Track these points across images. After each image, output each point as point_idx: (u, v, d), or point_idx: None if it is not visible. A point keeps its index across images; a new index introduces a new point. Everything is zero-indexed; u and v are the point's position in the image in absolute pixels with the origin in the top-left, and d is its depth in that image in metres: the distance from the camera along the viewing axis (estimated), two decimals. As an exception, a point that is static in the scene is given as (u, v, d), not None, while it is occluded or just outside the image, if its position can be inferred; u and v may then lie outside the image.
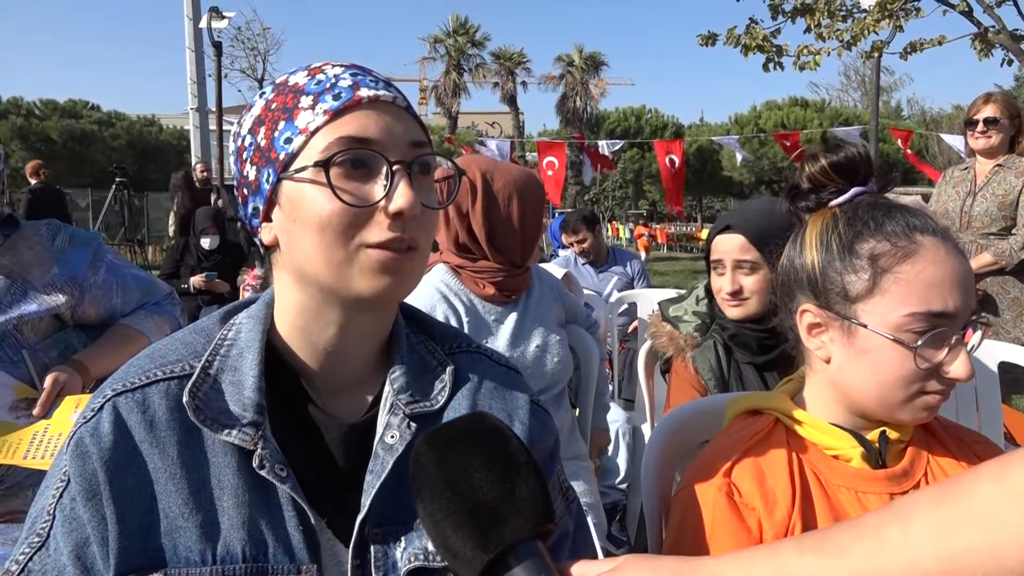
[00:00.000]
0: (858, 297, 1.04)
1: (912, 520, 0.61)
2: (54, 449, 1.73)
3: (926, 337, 0.99)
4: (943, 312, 0.99)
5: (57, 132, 29.44)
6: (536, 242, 2.18)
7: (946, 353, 1.00)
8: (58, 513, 0.80)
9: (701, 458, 1.15)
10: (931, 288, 0.99)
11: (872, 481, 1.06)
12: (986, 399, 2.31)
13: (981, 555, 0.56)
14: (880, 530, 0.62)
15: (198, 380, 0.85)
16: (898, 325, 1.00)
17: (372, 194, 0.82)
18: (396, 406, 0.90)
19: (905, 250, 1.01)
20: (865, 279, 1.03)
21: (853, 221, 1.07)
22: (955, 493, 0.60)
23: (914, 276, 1.00)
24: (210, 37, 12.24)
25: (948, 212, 3.95)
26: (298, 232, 0.83)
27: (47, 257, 1.85)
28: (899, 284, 1.01)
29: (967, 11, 8.50)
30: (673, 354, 2.04)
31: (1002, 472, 0.59)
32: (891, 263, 1.02)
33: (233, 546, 0.81)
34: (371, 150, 0.82)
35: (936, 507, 0.60)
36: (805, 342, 1.13)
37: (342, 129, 0.82)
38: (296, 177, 0.82)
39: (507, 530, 0.67)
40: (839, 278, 1.06)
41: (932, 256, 1.00)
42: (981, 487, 0.59)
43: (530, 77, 40.00)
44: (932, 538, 0.59)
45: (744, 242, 1.86)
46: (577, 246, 5.12)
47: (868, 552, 0.62)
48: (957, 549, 0.58)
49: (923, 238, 1.02)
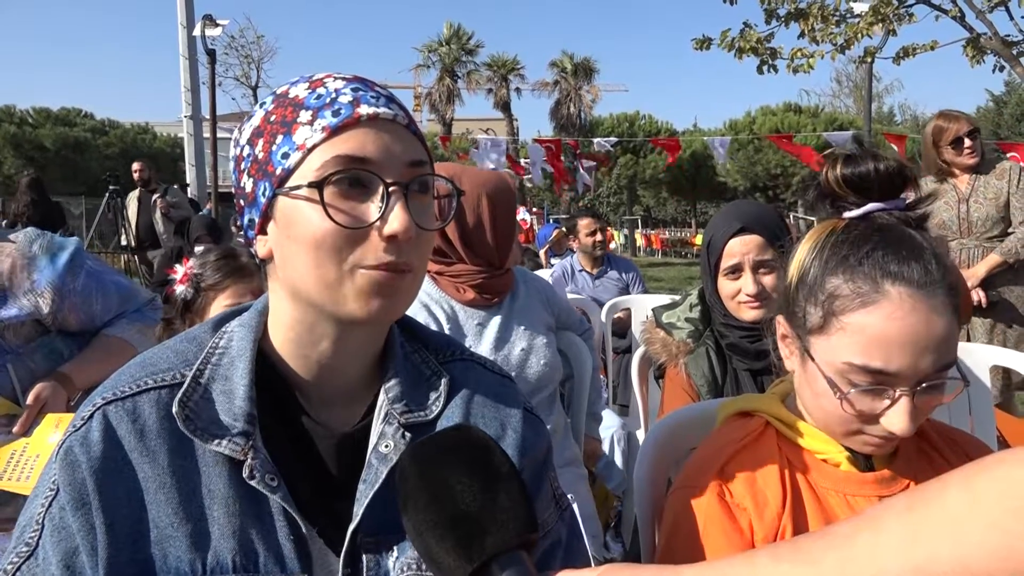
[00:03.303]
0: (811, 330, 1.04)
1: (882, 528, 0.61)
2: (30, 471, 1.72)
3: (859, 389, 0.98)
4: (882, 370, 0.95)
5: (50, 140, 29.43)
6: (511, 242, 2.18)
7: (885, 405, 0.98)
8: (47, 522, 0.80)
9: (693, 460, 1.15)
10: (876, 344, 0.95)
11: (861, 484, 1.07)
12: (978, 403, 2.31)
13: (949, 563, 0.56)
14: (851, 538, 0.62)
15: (188, 389, 0.84)
16: (838, 369, 0.99)
17: (367, 215, 0.81)
18: (391, 416, 0.90)
19: (864, 299, 0.97)
20: (819, 316, 1.02)
21: (838, 248, 1.04)
22: (924, 500, 0.60)
23: (861, 328, 0.97)
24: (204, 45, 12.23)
25: (945, 222, 4.01)
26: (292, 249, 0.83)
27: (25, 263, 1.84)
28: (844, 332, 0.99)
29: (959, 16, 8.55)
30: (666, 360, 2.04)
31: (970, 479, 0.58)
32: (844, 308, 0.99)
33: (223, 556, 0.80)
34: (367, 170, 0.81)
35: (905, 514, 0.60)
36: (780, 348, 1.15)
37: (339, 147, 0.81)
38: (292, 194, 0.81)
39: (489, 541, 0.68)
40: (803, 305, 1.06)
41: (890, 311, 0.95)
42: (949, 494, 0.58)
43: (524, 83, 40.08)
44: (901, 546, 0.59)
45: (763, 242, 1.84)
46: (599, 234, 5.12)
47: (840, 560, 0.61)
48: (925, 557, 0.57)
49: (893, 288, 0.96)
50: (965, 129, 3.90)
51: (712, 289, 1.95)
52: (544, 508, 0.99)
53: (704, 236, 2.02)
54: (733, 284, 1.88)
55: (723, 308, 1.93)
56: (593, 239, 5.14)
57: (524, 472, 0.95)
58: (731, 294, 1.89)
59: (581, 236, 5.18)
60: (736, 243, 1.87)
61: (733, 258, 1.87)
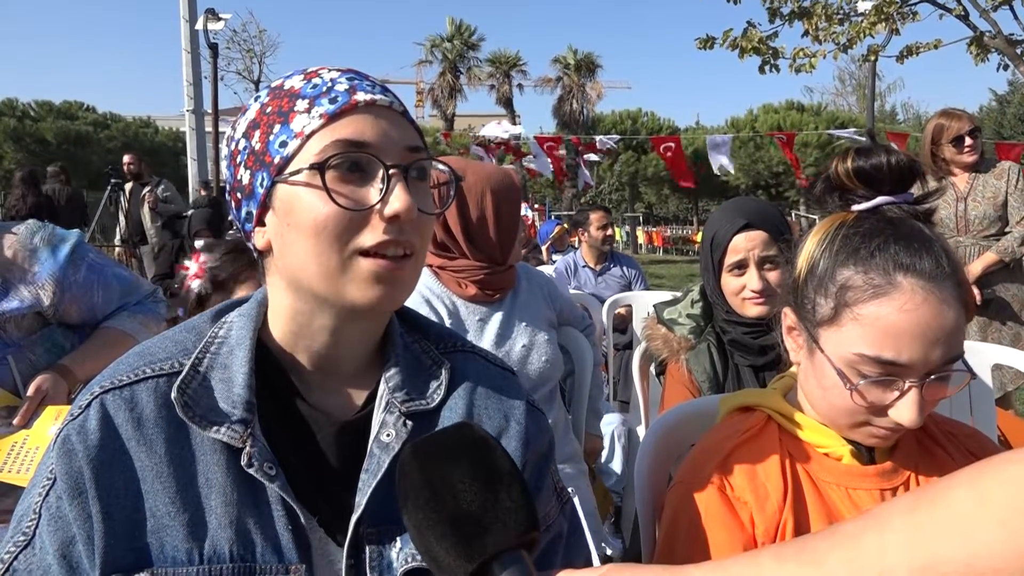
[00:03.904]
0: (821, 321, 1.04)
1: (887, 527, 0.60)
2: (30, 463, 1.72)
3: (870, 380, 0.98)
4: (894, 361, 0.96)
5: (52, 134, 29.39)
6: (514, 238, 2.17)
7: (894, 397, 0.98)
8: (44, 512, 0.80)
9: (693, 454, 1.15)
10: (888, 335, 0.96)
11: (862, 478, 1.06)
12: (979, 402, 2.31)
13: (954, 563, 0.55)
14: (856, 538, 0.62)
15: (187, 377, 0.84)
16: (848, 361, 0.99)
17: (368, 198, 0.81)
18: (392, 404, 0.90)
19: (877, 290, 0.97)
20: (830, 307, 1.02)
21: (848, 240, 1.04)
22: (930, 500, 0.60)
23: (874, 319, 0.97)
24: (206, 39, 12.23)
25: (943, 220, 4.03)
26: (292, 237, 0.82)
27: (26, 255, 1.84)
28: (857, 322, 0.98)
29: (963, 15, 8.52)
30: (667, 357, 2.03)
31: (976, 479, 0.58)
32: (856, 299, 0.99)
33: (220, 545, 0.80)
34: (367, 153, 0.81)
35: (911, 514, 0.60)
36: (786, 341, 1.14)
37: (338, 132, 0.81)
38: (291, 180, 0.81)
39: (490, 540, 0.68)
40: (812, 296, 1.06)
41: (902, 302, 0.95)
42: (955, 494, 0.58)
43: (526, 80, 40.07)
44: (906, 546, 0.58)
45: (768, 238, 1.83)
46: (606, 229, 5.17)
47: (844, 560, 0.61)
48: (931, 556, 0.57)
49: (904, 279, 0.96)
50: (967, 128, 3.92)
51: (715, 285, 1.94)
52: (546, 502, 0.98)
53: (705, 233, 2.00)
54: (738, 280, 1.88)
55: (725, 304, 1.92)
56: (604, 233, 5.18)
57: (527, 465, 0.95)
58: (735, 290, 1.88)
59: (592, 229, 5.20)
60: (741, 239, 1.86)
61: (738, 254, 1.86)
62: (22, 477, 1.70)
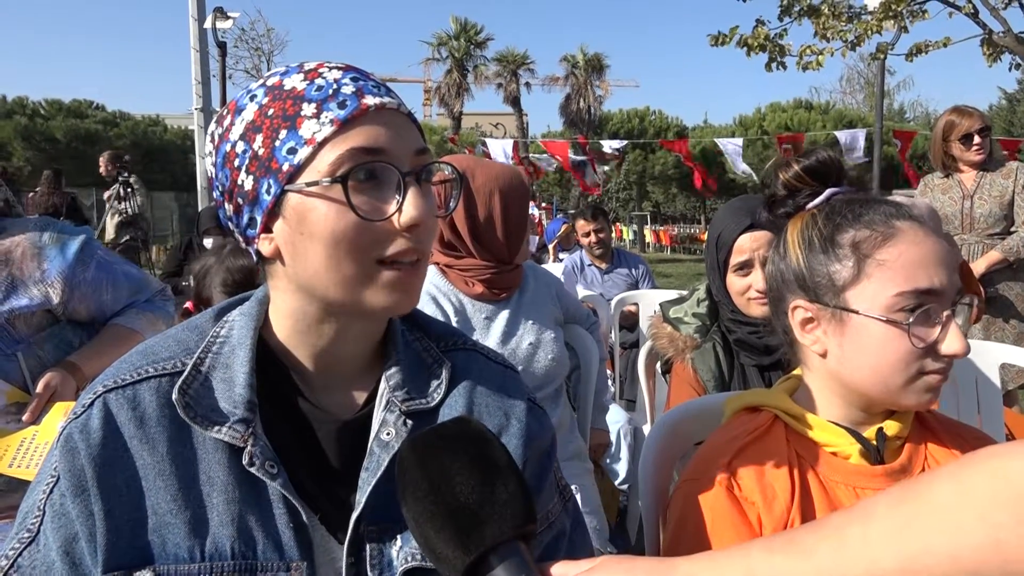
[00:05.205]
0: (845, 285, 1.05)
1: (872, 520, 0.61)
2: (39, 458, 1.73)
3: (916, 315, 1.00)
4: (930, 289, 1.00)
5: (62, 132, 29.47)
6: (522, 238, 2.16)
7: (939, 330, 1.01)
8: (48, 509, 0.80)
9: (700, 453, 1.15)
10: (915, 267, 1.01)
11: (870, 477, 1.06)
12: (987, 401, 2.30)
13: (938, 555, 0.56)
14: (843, 530, 0.63)
15: (189, 377, 0.84)
16: (888, 306, 1.01)
17: (384, 206, 0.81)
18: (392, 403, 0.90)
19: (884, 234, 1.03)
20: (850, 266, 1.05)
21: (832, 216, 1.10)
22: (915, 493, 0.60)
23: (896, 257, 1.02)
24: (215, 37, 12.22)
25: (948, 217, 4.04)
26: (306, 246, 0.81)
27: (36, 253, 1.85)
28: (883, 267, 1.02)
29: (973, 13, 8.46)
30: (673, 356, 2.03)
31: (959, 472, 0.59)
32: (872, 248, 1.03)
33: (222, 543, 0.80)
34: (383, 161, 0.81)
35: (896, 507, 0.61)
36: (800, 339, 1.13)
37: (352, 140, 0.80)
38: (306, 191, 0.80)
39: (487, 532, 0.68)
40: (824, 269, 1.08)
41: (911, 237, 1.02)
42: (939, 487, 0.59)
43: (533, 78, 40.01)
44: (891, 538, 0.59)
45: (773, 238, 1.83)
46: (594, 235, 5.12)
47: (832, 552, 0.62)
48: (915, 549, 0.58)
49: (900, 223, 1.04)
50: (977, 126, 3.92)
51: (720, 285, 1.93)
52: (548, 499, 0.98)
53: (710, 232, 1.99)
54: (743, 280, 1.87)
55: (731, 304, 1.92)
56: (589, 240, 5.14)
57: (529, 463, 0.95)
58: (741, 290, 1.88)
59: (579, 237, 5.21)
60: (746, 239, 1.85)
61: (743, 254, 1.85)
62: (32, 472, 1.71)
